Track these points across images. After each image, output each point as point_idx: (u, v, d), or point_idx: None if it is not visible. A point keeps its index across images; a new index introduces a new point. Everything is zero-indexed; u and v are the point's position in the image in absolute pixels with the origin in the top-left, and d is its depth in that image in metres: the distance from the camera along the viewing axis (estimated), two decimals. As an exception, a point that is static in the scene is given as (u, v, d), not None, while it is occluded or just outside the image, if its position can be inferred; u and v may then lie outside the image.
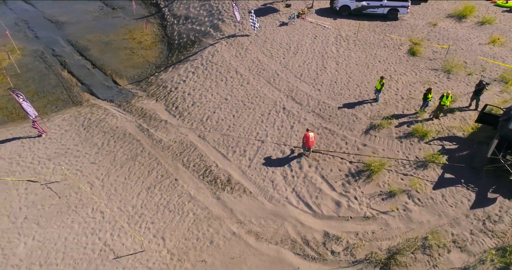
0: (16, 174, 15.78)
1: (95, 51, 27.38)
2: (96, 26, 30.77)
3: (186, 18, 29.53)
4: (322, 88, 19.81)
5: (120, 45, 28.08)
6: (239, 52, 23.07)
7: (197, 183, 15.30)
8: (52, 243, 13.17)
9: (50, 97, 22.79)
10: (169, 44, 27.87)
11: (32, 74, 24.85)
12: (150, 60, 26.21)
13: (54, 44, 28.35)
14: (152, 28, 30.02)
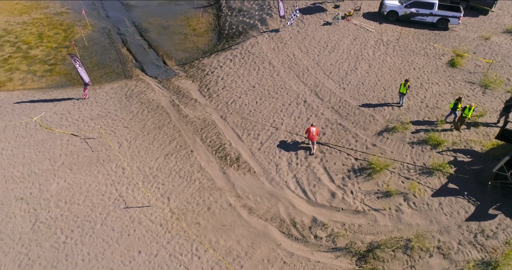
0: (63, 127, 18.29)
1: (153, 33, 29.85)
2: (159, 11, 33.38)
3: (239, 10, 30.94)
4: (348, 87, 20.06)
5: (176, 30, 30.29)
6: (277, 45, 23.96)
7: (209, 156, 16.62)
8: (78, 187, 15.29)
9: (107, 69, 25.48)
10: (219, 34, 29.48)
11: (97, 48, 27.87)
12: (199, 46, 28.02)
13: (120, 23, 31.36)
14: (207, 18, 31.87)
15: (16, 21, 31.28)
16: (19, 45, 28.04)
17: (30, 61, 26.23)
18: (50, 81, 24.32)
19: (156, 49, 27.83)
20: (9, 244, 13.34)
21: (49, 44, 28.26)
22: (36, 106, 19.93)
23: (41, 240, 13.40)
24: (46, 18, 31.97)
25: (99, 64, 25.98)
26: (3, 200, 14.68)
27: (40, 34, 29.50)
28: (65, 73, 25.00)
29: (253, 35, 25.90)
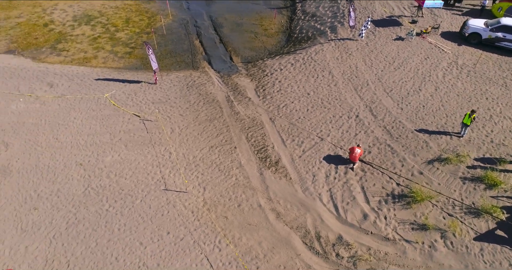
0: (127, 106, 19.89)
1: (226, 29, 30.90)
2: (236, 8, 34.39)
3: (312, 15, 30.69)
4: (406, 108, 18.96)
5: (248, 28, 31.00)
6: (342, 55, 23.39)
7: (250, 155, 16.93)
8: (128, 162, 16.58)
9: (178, 58, 26.99)
10: (288, 36, 29.57)
11: (173, 37, 29.63)
12: (267, 47, 28.41)
13: (198, 16, 32.93)
14: (280, 19, 32.12)
15: (110, 5, 34.39)
16: (108, 27, 30.84)
17: (115, 43, 28.75)
18: (128, 62, 26.45)
19: (226, 44, 28.78)
20: (63, 202, 14.97)
21: (133, 29, 30.67)
22: (109, 84, 21.88)
23: (88, 204, 14.83)
24: (136, 4, 34.69)
25: (172, 52, 27.60)
26: (66, 163, 16.48)
27: (127, 19, 32.13)
28: (141, 57, 27.00)
29: (320, 42, 25.57)
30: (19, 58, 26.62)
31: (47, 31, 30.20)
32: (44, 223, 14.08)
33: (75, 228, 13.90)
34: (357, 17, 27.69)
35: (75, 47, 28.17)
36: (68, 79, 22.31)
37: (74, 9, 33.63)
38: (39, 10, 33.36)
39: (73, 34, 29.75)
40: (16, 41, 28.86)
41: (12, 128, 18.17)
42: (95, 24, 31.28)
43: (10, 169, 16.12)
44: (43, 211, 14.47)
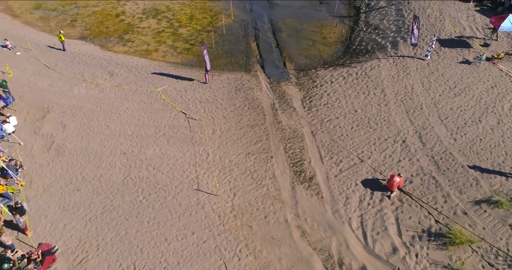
0: (176, 103, 20.53)
1: (284, 34, 30.68)
2: (298, 13, 33.99)
3: (375, 28, 29.41)
4: (460, 139, 17.46)
5: (307, 35, 30.51)
6: (398, 74, 22.12)
7: (285, 167, 16.66)
8: (168, 158, 17.13)
9: (233, 59, 27.33)
10: (347, 47, 28.64)
11: (232, 37, 30.05)
12: (322, 56, 27.76)
13: (259, 19, 33.05)
14: (341, 29, 31.20)
15: (178, 1, 35.72)
16: (173, 22, 32.05)
17: (176, 38, 29.82)
18: (185, 59, 27.32)
19: (281, 49, 28.59)
20: (104, 187, 15.87)
21: (195, 26, 31.58)
22: (163, 78, 22.73)
23: (125, 193, 15.57)
24: (202, 2, 35.67)
25: (228, 52, 28.01)
26: (112, 150, 17.44)
27: (191, 16, 33.15)
28: (198, 54, 27.72)
29: (378, 57, 24.39)
30: (90, 45, 28.64)
31: (117, 22, 32.14)
32: (84, 205, 15.02)
33: (109, 215, 14.66)
34: (423, 34, 26.02)
35: (140, 39, 29.67)
36: (127, 69, 23.55)
37: (145, 2, 35.41)
38: (114, 1, 35.60)
39: (140, 26, 31.35)
40: (89, 29, 31.08)
41: (71, 111, 19.60)
42: (161, 18, 32.68)
43: (63, 149, 17.41)
44: (85, 194, 15.44)
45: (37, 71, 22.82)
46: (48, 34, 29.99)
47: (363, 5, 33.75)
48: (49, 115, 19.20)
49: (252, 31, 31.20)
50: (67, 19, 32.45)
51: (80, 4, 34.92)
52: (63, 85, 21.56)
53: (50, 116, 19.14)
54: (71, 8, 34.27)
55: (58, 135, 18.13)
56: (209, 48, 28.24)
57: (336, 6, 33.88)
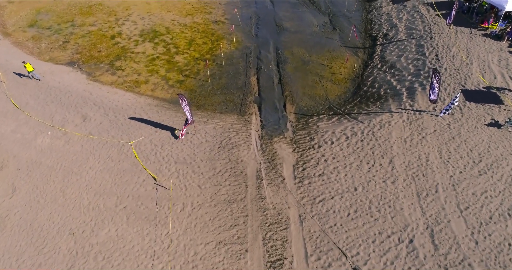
0: (148, 162, 17.34)
1: (290, 67, 27.00)
2: (308, 41, 30.17)
3: (391, 66, 25.34)
4: (483, 243, 13.57)
5: (314, 69, 26.75)
6: (412, 137, 18.22)
7: (261, 267, 13.27)
8: (123, 243, 14.00)
9: (228, 96, 23.93)
10: (357, 87, 24.76)
11: (231, 68, 26.60)
12: (329, 96, 24.03)
13: (264, 46, 29.43)
14: (353, 63, 27.28)
15: (179, 22, 32.48)
16: (170, 48, 28.86)
17: (170, 67, 26.64)
18: (175, 93, 24.13)
19: (284, 86, 25.01)
20: (42, 278, 12.93)
21: (193, 53, 28.29)
22: (141, 126, 19.58)
23: (63, 293, 12.58)
24: (204, 24, 32.31)
25: (224, 88, 24.65)
26: (60, 228, 14.44)
27: (191, 40, 29.87)
28: (190, 89, 24.51)
29: (390, 109, 20.48)
30: (76, 73, 25.82)
31: (111, 45, 29.23)
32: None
33: None
34: (445, 81, 21.86)
35: (131, 67, 26.66)
36: (103, 112, 20.52)
37: (145, 22, 32.36)
38: (112, 19, 32.71)
39: (134, 51, 28.34)
40: (81, 52, 28.27)
41: (28, 169, 16.74)
42: (158, 42, 29.56)
43: (5, 222, 14.56)
44: (15, 292, 12.55)
45: (4, 111, 20.12)
46: (36, 57, 27.38)
47: (380, 35, 29.61)
48: (1, 173, 16.41)
49: (254, 62, 27.67)
50: (60, 40, 29.76)
51: (77, 22, 32.20)
52: (28, 131, 18.74)
53: (1, 174, 16.35)
54: (67, 26, 31.58)
55: (5, 202, 15.30)
56: (203, 82, 25.02)
57: (352, 33, 29.86)
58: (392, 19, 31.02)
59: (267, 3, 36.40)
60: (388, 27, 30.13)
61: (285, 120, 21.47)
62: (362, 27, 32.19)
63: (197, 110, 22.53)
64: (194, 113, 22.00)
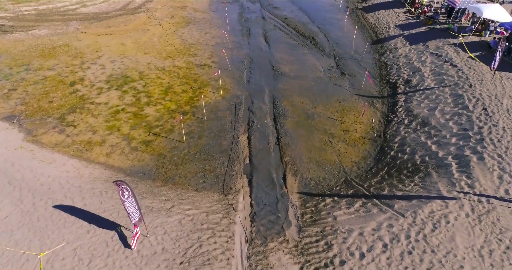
0: (58, 298, 10.35)
1: (290, 122, 20.88)
2: (312, 88, 24.40)
3: (423, 123, 19.22)
4: None
5: (321, 125, 20.62)
6: (490, 248, 11.41)
7: None
8: None
9: (208, 164, 17.53)
10: (380, 150, 18.46)
11: (214, 125, 20.43)
12: (344, 164, 17.64)
13: (257, 95, 23.56)
14: (370, 117, 21.23)
15: (157, 65, 26.94)
16: (141, 97, 22.93)
17: (137, 123, 20.48)
18: (137, 160, 17.71)
19: (283, 148, 18.69)
20: None
21: (168, 104, 22.29)
22: (67, 223, 12.78)
23: None
24: (186, 68, 26.74)
25: (203, 152, 18.30)
26: None
27: (168, 88, 24.03)
28: (158, 153, 18.13)
29: (438, 190, 13.93)
30: (11, 130, 19.55)
31: (68, 93, 23.28)
32: None
33: None
34: (506, 151, 15.54)
35: (87, 122, 20.46)
36: (17, 198, 13.80)
37: (115, 65, 26.79)
38: (77, 62, 27.16)
39: (94, 102, 22.33)
40: (27, 103, 22.21)
41: None
42: (127, 90, 23.69)
43: None
44: None
45: None
46: (-35, 110, 21.25)
47: (401, 82, 23.90)
48: None
49: (245, 115, 21.60)
50: (5, 87, 23.84)
51: (33, 66, 26.57)
52: None
53: None
54: (19, 71, 25.87)
55: None
56: (177, 143, 18.71)
57: (365, 78, 24.18)
58: (413, 63, 25.55)
59: (262, 44, 31.30)
60: (410, 72, 24.52)
61: (286, 204, 14.86)
62: (376, 71, 26.67)
63: (162, 186, 16.03)
64: (158, 191, 15.45)
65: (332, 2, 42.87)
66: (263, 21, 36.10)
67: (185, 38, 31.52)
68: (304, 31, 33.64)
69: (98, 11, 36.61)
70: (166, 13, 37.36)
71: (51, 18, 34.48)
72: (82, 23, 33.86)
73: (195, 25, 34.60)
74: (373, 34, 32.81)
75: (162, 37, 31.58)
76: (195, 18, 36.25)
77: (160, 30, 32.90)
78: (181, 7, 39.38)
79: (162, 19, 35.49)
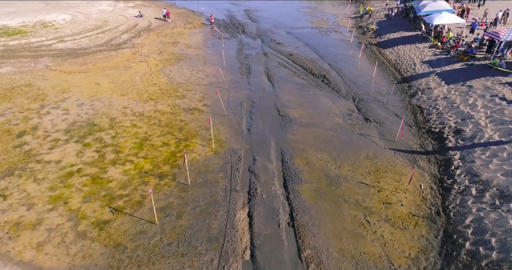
0: None
1: (307, 189, 15.15)
2: (331, 140, 18.93)
3: (502, 195, 13.46)
4: None
5: (351, 194, 14.88)
6: None
7: None
8: None
9: (190, 262, 11.51)
10: (447, 240, 12.58)
11: (201, 195, 14.67)
12: (395, 262, 11.73)
13: (261, 149, 18.01)
14: (418, 182, 15.58)
15: (134, 110, 21.64)
16: (106, 153, 17.32)
17: (94, 192, 14.66)
18: (82, 256, 11.70)
19: (301, 233, 12.91)
20: None
21: (142, 163, 16.63)
22: None
23: None
24: (171, 113, 21.42)
25: (182, 241, 12.44)
26: None
27: (144, 140, 18.50)
28: (116, 243, 12.19)
29: None
30: None
31: (12, 147, 17.68)
32: None
33: None
34: None
35: (24, 191, 14.65)
36: None
37: (82, 110, 21.48)
38: (36, 106, 21.87)
39: (43, 160, 16.66)
40: (-50, 161, 16.54)
41: None
42: (90, 143, 18.14)
43: None
44: None
45: None
46: None
47: (449, 132, 18.48)
48: None
49: (244, 179, 15.94)
50: None
51: (-21, 111, 21.24)
52: None
53: None
54: (-43, 117, 20.47)
55: None
56: (148, 224, 12.83)
57: (399, 132, 18.76)
58: (458, 106, 20.35)
59: (265, 83, 26.44)
60: (457, 119, 19.22)
61: None
62: (409, 117, 21.44)
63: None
64: None
65: (341, 37, 39.02)
66: (265, 58, 31.68)
67: (173, 77, 26.66)
68: (314, 69, 29.00)
69: (76, 47, 32.25)
70: (154, 49, 33.04)
71: (20, 54, 29.93)
72: (54, 59, 29.24)
73: (186, 62, 30.03)
74: (395, 72, 28.12)
75: (145, 75, 26.73)
76: (187, 55, 31.82)
77: (144, 68, 28.18)
78: (172, 43, 35.21)
79: (149, 56, 31.00)
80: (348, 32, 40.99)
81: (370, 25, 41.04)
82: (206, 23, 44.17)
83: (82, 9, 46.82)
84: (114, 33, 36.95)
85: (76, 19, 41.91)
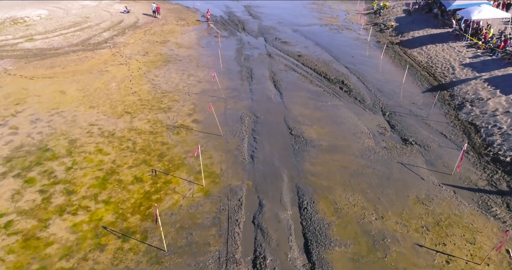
0: None
1: (339, 257, 10.35)
2: (363, 173, 13.93)
3: None
4: None
5: (407, 265, 9.88)
6: None
7: None
8: None
9: None
10: None
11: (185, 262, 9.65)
12: None
13: (269, 189, 13.00)
14: (497, 241, 10.54)
15: (103, 128, 16.61)
16: (54, 194, 12.38)
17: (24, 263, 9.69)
18: None
19: None
20: None
21: (101, 212, 11.65)
22: None
23: None
24: (150, 133, 16.39)
25: None
26: None
27: (108, 174, 13.48)
28: None
29: None
30: None
31: None
32: None
33: None
34: None
35: None
36: None
37: (36, 128, 16.45)
38: (-23, 124, 16.83)
39: (-40, 207, 11.61)
40: None
41: None
42: (35, 177, 13.15)
43: None
44: None
45: None
46: None
47: None
48: None
49: (247, 240, 10.96)
50: None
51: None
52: None
53: None
54: None
55: None
56: None
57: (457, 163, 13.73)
58: (530, 125, 15.31)
59: (270, 91, 21.44)
60: (533, 143, 14.18)
61: None
62: (459, 136, 16.38)
63: None
64: None
65: (356, 35, 34.03)
66: (270, 60, 26.70)
67: (158, 83, 21.65)
68: (329, 73, 24.02)
69: (46, 47, 27.25)
70: (139, 49, 28.04)
71: (-24, 56, 24.89)
72: (16, 61, 24.24)
73: (176, 64, 25.04)
74: (429, 77, 23.16)
75: (124, 81, 21.73)
76: (177, 56, 26.83)
77: (124, 72, 23.18)
78: (160, 42, 30.20)
79: (131, 57, 26.00)
80: (363, 29, 36.02)
81: (388, 22, 36.09)
82: (201, 19, 39.19)
83: (62, 4, 41.79)
84: (94, 31, 31.94)
85: (53, 15, 36.90)
